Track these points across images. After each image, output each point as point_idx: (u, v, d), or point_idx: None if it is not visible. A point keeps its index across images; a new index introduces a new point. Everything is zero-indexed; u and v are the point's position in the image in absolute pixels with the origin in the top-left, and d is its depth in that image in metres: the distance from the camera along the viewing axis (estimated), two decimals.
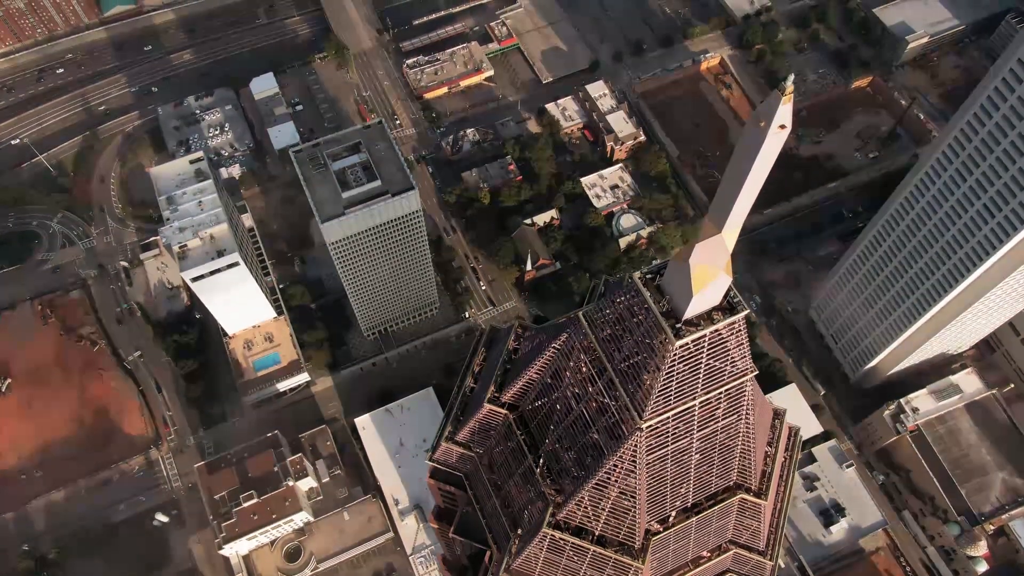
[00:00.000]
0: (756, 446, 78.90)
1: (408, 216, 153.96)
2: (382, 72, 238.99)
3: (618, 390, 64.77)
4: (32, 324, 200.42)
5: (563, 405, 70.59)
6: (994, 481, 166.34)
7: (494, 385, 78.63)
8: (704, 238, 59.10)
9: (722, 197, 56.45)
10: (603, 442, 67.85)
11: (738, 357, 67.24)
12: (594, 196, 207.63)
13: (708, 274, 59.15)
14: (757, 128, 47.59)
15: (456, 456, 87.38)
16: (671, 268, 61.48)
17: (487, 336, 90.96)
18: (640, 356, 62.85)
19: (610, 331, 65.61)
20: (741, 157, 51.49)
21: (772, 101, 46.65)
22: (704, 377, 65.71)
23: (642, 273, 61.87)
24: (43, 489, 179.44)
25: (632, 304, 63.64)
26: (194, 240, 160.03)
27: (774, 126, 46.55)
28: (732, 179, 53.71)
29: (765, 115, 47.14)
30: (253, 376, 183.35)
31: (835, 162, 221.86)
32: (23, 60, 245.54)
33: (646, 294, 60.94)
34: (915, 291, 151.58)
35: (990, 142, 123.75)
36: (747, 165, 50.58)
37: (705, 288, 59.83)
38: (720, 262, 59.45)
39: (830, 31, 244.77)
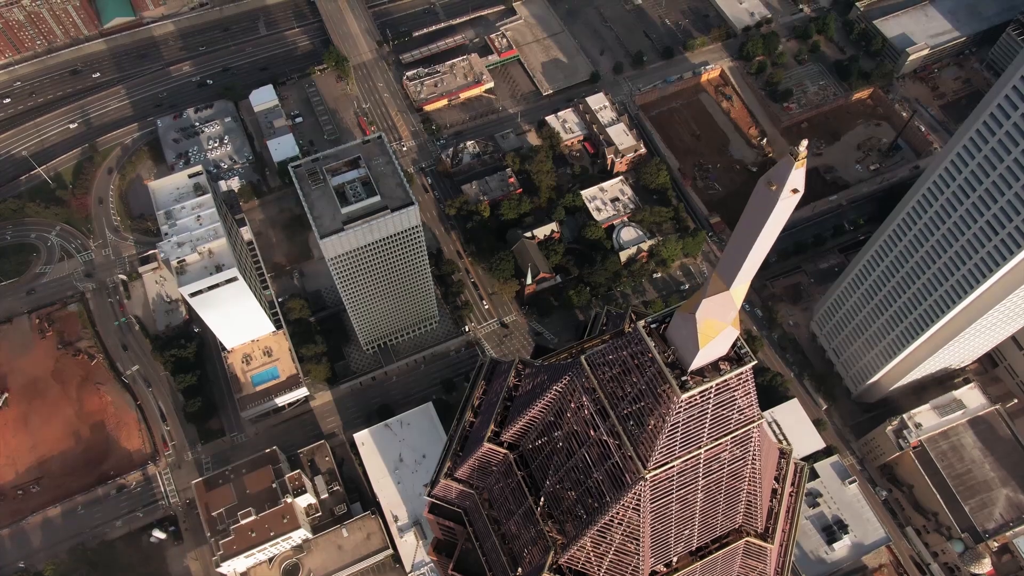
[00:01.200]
0: (762, 488, 77.66)
1: (408, 231, 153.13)
2: (382, 84, 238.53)
3: (622, 438, 63.68)
4: (29, 337, 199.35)
5: (565, 447, 69.46)
6: (998, 497, 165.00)
7: (494, 423, 77.34)
8: (712, 293, 57.99)
9: (731, 254, 55.37)
10: (606, 489, 66.70)
11: (745, 405, 66.01)
12: (594, 209, 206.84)
13: (715, 328, 58.21)
14: (768, 191, 46.73)
15: (455, 492, 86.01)
16: (677, 319, 60.43)
17: (487, 369, 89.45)
18: (644, 402, 61.78)
19: (613, 377, 64.59)
20: (751, 218, 50.56)
21: (784, 166, 45.85)
22: (710, 426, 64.53)
23: (646, 322, 60.74)
24: (40, 504, 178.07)
25: (636, 351, 62.61)
26: (192, 255, 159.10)
27: (786, 190, 45.74)
28: (742, 238, 52.71)
29: (777, 179, 46.34)
30: (251, 391, 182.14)
31: (836, 174, 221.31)
32: (22, 72, 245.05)
33: (650, 344, 59.97)
34: (918, 306, 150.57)
35: (993, 159, 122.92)
36: (757, 226, 49.71)
37: (712, 342, 58.81)
38: (728, 317, 58.50)
39: (830, 43, 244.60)
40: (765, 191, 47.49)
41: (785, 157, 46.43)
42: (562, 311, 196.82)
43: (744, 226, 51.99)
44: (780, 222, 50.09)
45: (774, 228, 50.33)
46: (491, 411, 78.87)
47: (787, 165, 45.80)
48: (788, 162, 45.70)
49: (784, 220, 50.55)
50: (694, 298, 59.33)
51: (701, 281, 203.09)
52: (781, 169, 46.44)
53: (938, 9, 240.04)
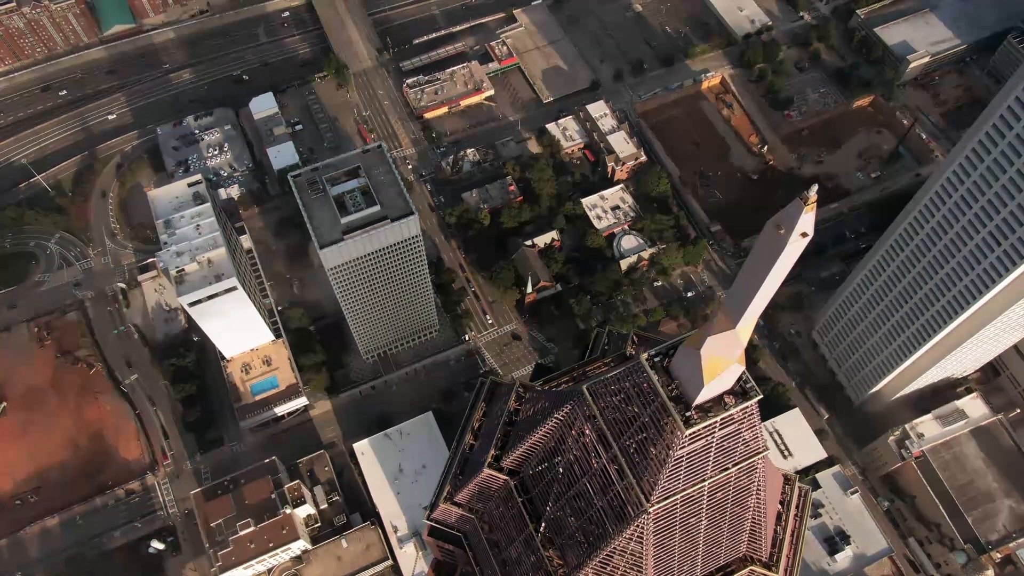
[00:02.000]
0: (767, 516, 76.77)
1: (408, 241, 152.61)
2: (382, 92, 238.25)
3: (624, 470, 63.06)
4: (28, 346, 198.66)
5: (567, 475, 68.84)
6: (1001, 508, 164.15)
7: (495, 448, 76.61)
8: (718, 331, 57.27)
9: (738, 294, 54.74)
10: (608, 520, 66.03)
11: (750, 437, 65.29)
12: (595, 217, 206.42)
13: (720, 365, 57.50)
14: (776, 235, 46.14)
15: (455, 517, 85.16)
16: (682, 354, 59.77)
17: (487, 390, 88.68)
18: (647, 434, 61.15)
19: (615, 408, 63.98)
20: (759, 260, 49.97)
21: (793, 210, 45.31)
22: (715, 459, 63.85)
23: (650, 355, 60.12)
24: (38, 514, 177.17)
25: (639, 383, 61.98)
26: (192, 264, 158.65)
27: (795, 234, 45.15)
28: (749, 279, 52.09)
29: (786, 223, 45.77)
30: (251, 400, 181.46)
31: (837, 182, 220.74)
32: (22, 79, 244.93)
33: (654, 378, 59.35)
34: (920, 317, 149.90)
35: (996, 171, 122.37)
36: (765, 269, 49.12)
37: (717, 378, 58.13)
38: (734, 355, 57.84)
39: (831, 50, 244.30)
40: (773, 234, 46.89)
41: (794, 201, 45.87)
42: (563, 320, 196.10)
43: (752, 267, 51.38)
44: (788, 265, 49.57)
45: (782, 271, 49.79)
46: (491, 435, 78.16)
47: (796, 209, 45.31)
48: (797, 206, 45.23)
49: (792, 263, 49.96)
50: (699, 333, 58.55)
51: (702, 290, 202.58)
52: (790, 213, 45.89)
53: (939, 17, 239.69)
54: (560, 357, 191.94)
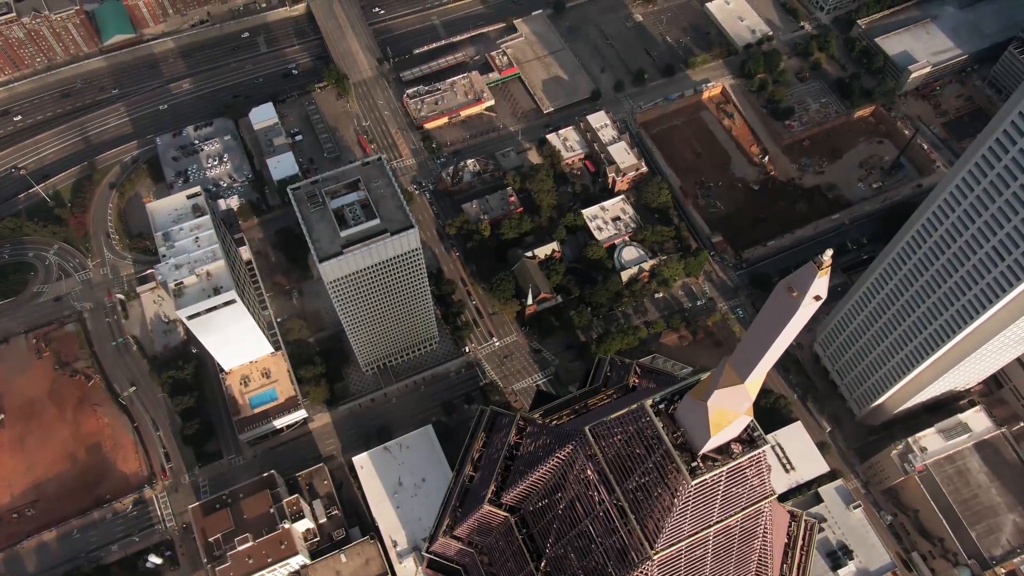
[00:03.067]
0: (773, 555, 75.60)
1: (408, 254, 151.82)
2: (382, 102, 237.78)
3: (627, 515, 62.12)
4: (26, 358, 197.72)
5: (568, 514, 67.87)
6: (1005, 523, 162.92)
7: (495, 483, 75.60)
8: (725, 385, 56.38)
9: (747, 350, 53.98)
10: (612, 564, 65.05)
11: (758, 483, 64.25)
12: (595, 228, 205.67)
13: (728, 417, 56.67)
14: (788, 297, 45.44)
15: (454, 550, 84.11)
16: (687, 404, 58.92)
17: (487, 420, 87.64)
18: (650, 478, 60.25)
19: (619, 451, 63.08)
20: (770, 319, 49.34)
21: (807, 274, 44.67)
22: (721, 505, 62.76)
23: (654, 402, 59.23)
24: (35, 528, 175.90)
25: (642, 428, 61.12)
26: (190, 277, 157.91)
27: (808, 297, 44.42)
28: (759, 338, 51.46)
29: (799, 286, 45.13)
30: (250, 413, 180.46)
31: (838, 192, 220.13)
32: (21, 89, 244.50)
33: (658, 425, 58.52)
34: (923, 330, 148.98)
35: (1000, 185, 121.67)
36: (776, 330, 48.48)
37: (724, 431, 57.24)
38: (742, 408, 57.02)
39: (832, 60, 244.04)
40: (785, 297, 46.19)
41: (807, 265, 45.16)
42: (563, 331, 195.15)
43: (762, 326, 50.70)
44: (800, 326, 48.87)
45: (793, 331, 49.12)
46: (492, 468, 77.15)
47: (810, 273, 44.69)
48: (811, 270, 44.62)
49: (803, 323, 49.19)
50: (704, 383, 57.65)
51: (703, 302, 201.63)
52: (803, 276, 45.20)
53: (939, 27, 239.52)
54: (560, 370, 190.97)
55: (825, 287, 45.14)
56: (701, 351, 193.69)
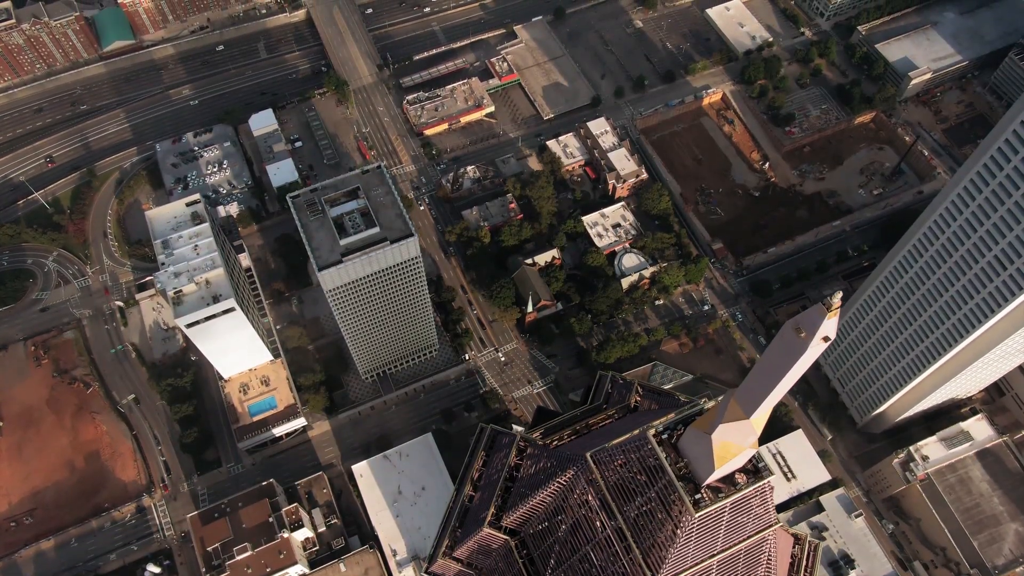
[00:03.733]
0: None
1: (407, 262, 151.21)
2: (382, 108, 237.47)
3: (629, 544, 61.46)
4: (25, 365, 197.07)
5: (569, 540, 67.14)
6: (1007, 532, 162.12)
7: (495, 506, 74.90)
8: (730, 420, 55.74)
9: (753, 386, 53.53)
10: None
11: (762, 512, 63.40)
12: (596, 235, 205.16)
13: (732, 451, 55.99)
14: (796, 338, 45.01)
15: (454, 571, 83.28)
16: (691, 435, 58.28)
17: (487, 439, 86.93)
18: (653, 506, 59.58)
19: (621, 478, 62.41)
20: (776, 358, 48.92)
21: (815, 316, 44.22)
22: (725, 535, 61.98)
23: (657, 431, 58.63)
24: (33, 537, 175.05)
25: (645, 456, 60.46)
26: (189, 285, 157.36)
27: (817, 339, 43.96)
28: (765, 374, 51.01)
29: (807, 327, 44.70)
30: (249, 421, 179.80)
31: (838, 198, 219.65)
32: (21, 96, 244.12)
33: (661, 456, 57.92)
34: (925, 339, 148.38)
35: (1001, 194, 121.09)
36: (783, 369, 48.10)
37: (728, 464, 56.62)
38: (747, 442, 56.39)
39: (832, 66, 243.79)
40: (793, 337, 45.73)
41: (816, 307, 44.78)
42: (563, 339, 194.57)
43: (768, 363, 50.27)
44: (807, 365, 48.42)
45: (800, 370, 48.64)
46: (492, 491, 76.45)
47: (818, 314, 44.27)
48: (820, 312, 44.20)
49: (811, 363, 48.65)
50: (708, 415, 57.00)
51: (704, 308, 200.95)
52: (812, 318, 44.77)
53: (940, 33, 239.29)
54: (561, 377, 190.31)
55: (834, 328, 44.71)
56: (702, 358, 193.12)
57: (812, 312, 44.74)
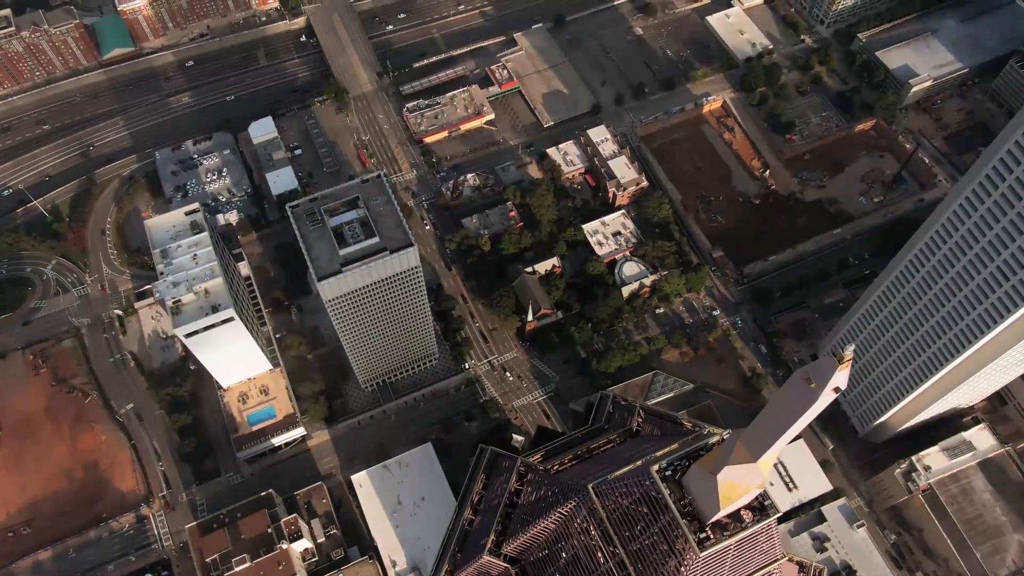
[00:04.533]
0: None
1: (407, 272, 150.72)
2: (382, 116, 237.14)
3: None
4: (23, 374, 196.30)
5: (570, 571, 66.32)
6: (1010, 543, 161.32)
7: (495, 533, 74.19)
8: (737, 462, 55.02)
9: (760, 431, 52.98)
10: None
11: (768, 548, 62.59)
12: (596, 243, 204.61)
13: (738, 491, 55.24)
14: (806, 388, 44.46)
15: None
16: (696, 474, 57.56)
17: (487, 461, 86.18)
18: (656, 540, 58.92)
19: (623, 511, 61.67)
20: (785, 406, 48.50)
21: (826, 367, 43.69)
22: (730, 571, 61.07)
23: (660, 468, 57.97)
24: (30, 547, 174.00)
25: (647, 491, 59.76)
26: (188, 295, 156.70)
27: (827, 390, 43.42)
28: (774, 422, 50.54)
29: (817, 378, 44.19)
30: (248, 430, 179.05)
31: (839, 206, 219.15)
32: (20, 103, 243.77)
33: (665, 493, 57.26)
34: (928, 349, 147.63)
35: (1004, 205, 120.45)
36: (792, 417, 47.67)
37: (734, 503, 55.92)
38: (754, 483, 55.73)
39: (833, 74, 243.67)
40: (802, 387, 45.19)
41: (828, 358, 44.21)
42: (564, 347, 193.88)
43: (777, 410, 49.81)
44: (816, 413, 47.88)
45: (809, 418, 48.14)
46: (492, 516, 75.69)
47: (829, 366, 43.76)
48: (831, 363, 43.74)
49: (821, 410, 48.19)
50: (713, 455, 56.25)
51: (704, 317, 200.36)
52: (823, 369, 44.26)
53: (940, 40, 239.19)
54: (561, 386, 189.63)
55: (845, 379, 44.22)
56: (702, 367, 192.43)
57: (823, 363, 44.19)
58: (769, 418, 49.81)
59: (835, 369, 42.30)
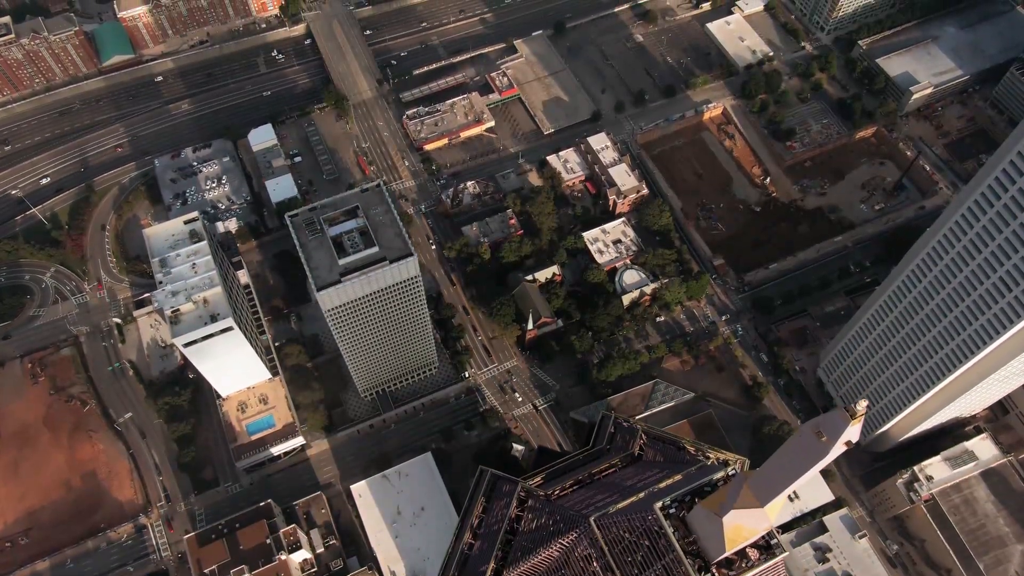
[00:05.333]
0: None
1: (407, 282, 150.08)
2: (382, 123, 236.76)
3: None
4: (22, 382, 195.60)
5: None
6: (1013, 554, 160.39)
7: (495, 561, 73.33)
8: (743, 506, 54.25)
9: (768, 478, 52.35)
10: None
11: None
12: (596, 251, 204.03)
13: (744, 534, 54.48)
14: (817, 442, 43.89)
15: None
16: (701, 514, 56.75)
17: (487, 484, 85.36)
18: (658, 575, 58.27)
19: (626, 546, 60.92)
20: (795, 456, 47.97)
21: (838, 421, 43.09)
22: None
23: (664, 506, 57.25)
24: (28, 557, 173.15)
25: (650, 526, 59.00)
26: (187, 304, 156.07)
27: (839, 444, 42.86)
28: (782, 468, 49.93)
29: (829, 432, 43.59)
30: (247, 440, 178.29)
31: (840, 214, 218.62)
32: (20, 110, 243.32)
33: (669, 532, 56.50)
34: (930, 359, 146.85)
35: (1006, 216, 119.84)
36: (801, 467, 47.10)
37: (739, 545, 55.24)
38: (761, 527, 55.05)
39: (833, 81, 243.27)
40: (812, 440, 44.60)
41: (840, 412, 43.58)
42: (564, 356, 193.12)
43: (786, 460, 49.28)
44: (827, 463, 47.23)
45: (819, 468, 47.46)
46: (492, 542, 74.79)
47: (842, 420, 43.08)
48: (843, 418, 43.10)
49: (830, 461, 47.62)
50: (719, 496, 55.36)
51: (705, 325, 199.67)
52: (834, 423, 43.61)
53: (941, 48, 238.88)
54: (561, 395, 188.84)
55: (857, 433, 43.54)
56: (703, 376, 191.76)
57: (834, 417, 43.56)
58: (778, 466, 49.18)
59: (847, 424, 41.63)
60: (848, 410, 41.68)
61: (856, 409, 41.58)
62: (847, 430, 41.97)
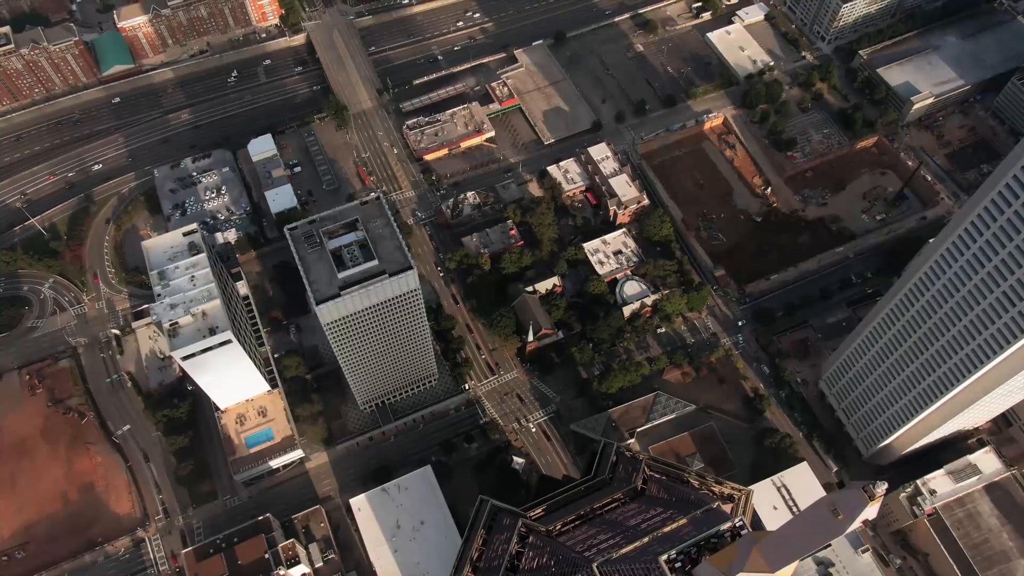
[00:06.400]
0: None
1: (406, 295, 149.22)
2: (382, 133, 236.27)
3: None
4: (19, 394, 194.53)
5: None
6: (1016, 569, 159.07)
7: None
8: (752, 570, 53.41)
9: (780, 545, 51.60)
10: None
11: None
12: (597, 262, 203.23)
13: None
14: (832, 519, 43.13)
15: None
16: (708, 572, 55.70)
17: (487, 516, 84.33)
18: None
19: None
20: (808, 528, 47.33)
21: (856, 501, 42.38)
22: None
23: (670, 559, 56.35)
24: (24, 572, 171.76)
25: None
26: (185, 317, 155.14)
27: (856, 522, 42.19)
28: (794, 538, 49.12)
29: (846, 511, 42.87)
30: (245, 453, 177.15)
31: (841, 224, 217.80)
32: (19, 120, 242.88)
33: None
34: (933, 372, 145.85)
35: (1009, 230, 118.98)
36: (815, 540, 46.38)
37: None
38: None
39: (834, 91, 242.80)
40: (828, 516, 43.82)
41: (858, 492, 42.89)
42: (564, 368, 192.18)
43: (799, 531, 48.51)
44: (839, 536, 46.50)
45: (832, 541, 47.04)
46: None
47: (859, 501, 42.38)
48: (861, 498, 42.37)
49: None
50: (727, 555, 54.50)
51: (706, 336, 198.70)
52: (852, 502, 42.85)
53: (942, 57, 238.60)
54: (562, 408, 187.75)
55: (875, 512, 42.90)
56: (704, 388, 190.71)
57: (852, 496, 42.75)
58: (791, 535, 48.29)
59: (865, 504, 40.86)
60: (866, 491, 40.87)
61: (875, 491, 40.75)
62: (865, 511, 41.11)
